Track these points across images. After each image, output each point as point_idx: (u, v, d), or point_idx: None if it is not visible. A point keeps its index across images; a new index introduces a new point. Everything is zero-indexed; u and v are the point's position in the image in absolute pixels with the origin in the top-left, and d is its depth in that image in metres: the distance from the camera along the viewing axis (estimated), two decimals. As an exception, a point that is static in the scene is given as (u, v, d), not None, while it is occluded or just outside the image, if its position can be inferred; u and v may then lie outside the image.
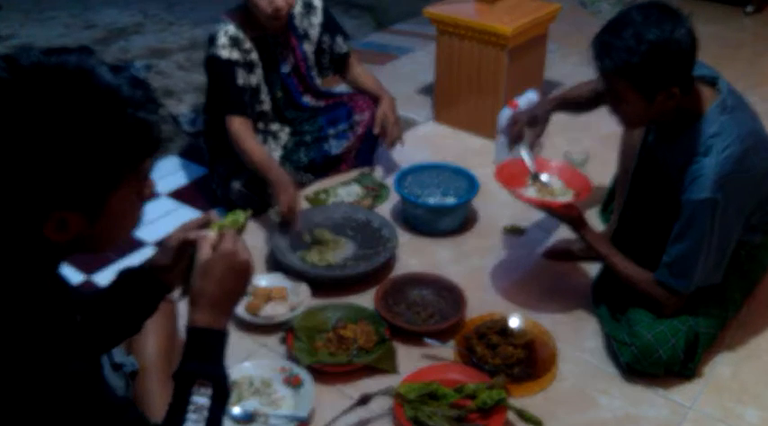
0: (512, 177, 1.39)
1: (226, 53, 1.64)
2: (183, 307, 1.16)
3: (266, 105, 1.76)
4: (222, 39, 1.64)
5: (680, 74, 1.15)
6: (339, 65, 1.88)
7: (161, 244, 0.86)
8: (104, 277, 1.52)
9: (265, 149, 1.69)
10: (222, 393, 0.76)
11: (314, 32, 1.80)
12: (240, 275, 0.78)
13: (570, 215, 1.33)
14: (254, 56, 1.69)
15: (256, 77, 1.71)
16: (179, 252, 0.84)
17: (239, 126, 1.64)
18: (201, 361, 0.76)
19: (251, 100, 1.72)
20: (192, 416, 0.73)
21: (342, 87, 2.03)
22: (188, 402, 0.74)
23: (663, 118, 1.22)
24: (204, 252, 0.77)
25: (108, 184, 0.65)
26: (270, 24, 1.65)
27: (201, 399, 0.74)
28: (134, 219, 0.72)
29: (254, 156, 1.62)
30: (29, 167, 0.60)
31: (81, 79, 0.62)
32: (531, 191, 1.37)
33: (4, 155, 0.59)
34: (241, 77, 1.66)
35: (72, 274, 1.55)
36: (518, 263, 1.61)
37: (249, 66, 1.68)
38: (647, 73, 1.13)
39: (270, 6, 1.60)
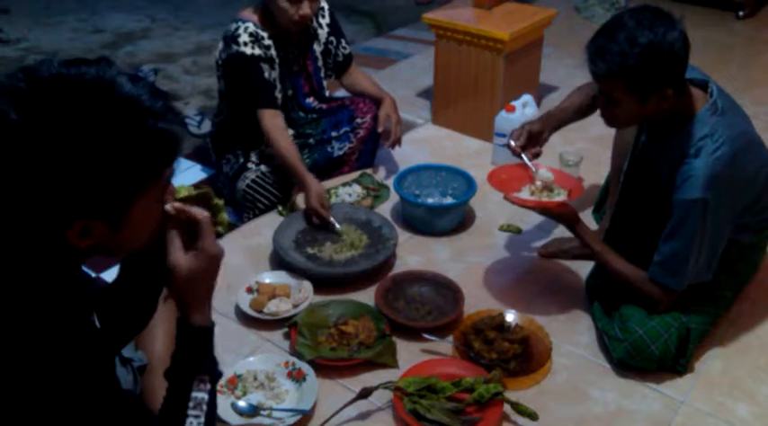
0: (504, 182, 1.40)
1: (249, 50, 1.66)
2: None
3: (279, 102, 1.79)
4: (243, 37, 1.66)
5: (673, 76, 1.17)
6: (341, 68, 1.91)
7: None
8: (113, 275, 1.55)
9: (296, 149, 1.71)
10: (216, 383, 0.78)
11: (322, 33, 1.84)
12: (218, 270, 0.78)
13: (565, 213, 1.35)
14: (273, 52, 1.72)
15: (275, 73, 1.74)
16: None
17: (272, 120, 1.68)
18: (198, 358, 0.77)
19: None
20: (192, 412, 0.74)
21: (343, 92, 2.06)
22: (188, 397, 0.75)
23: (655, 118, 1.25)
24: (176, 254, 0.75)
25: (130, 193, 0.65)
26: (293, 28, 1.69)
27: (201, 394, 0.75)
28: (155, 225, 0.73)
29: (284, 154, 1.66)
30: (50, 177, 0.60)
31: (101, 90, 0.62)
32: (525, 194, 1.39)
33: (25, 165, 0.59)
34: (267, 71, 1.69)
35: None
36: (514, 262, 1.63)
37: (270, 62, 1.71)
38: (640, 75, 1.14)
39: (297, 14, 1.64)
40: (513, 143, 1.43)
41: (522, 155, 1.43)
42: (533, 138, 1.44)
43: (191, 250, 0.76)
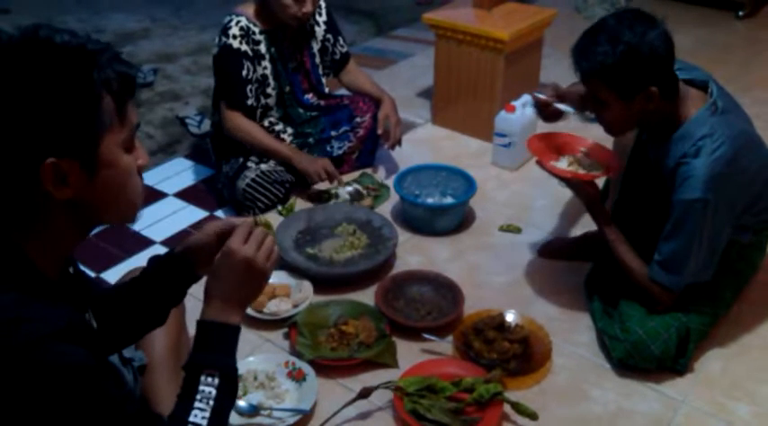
0: (542, 149, 1.39)
1: (236, 43, 1.68)
2: (191, 303, 1.20)
3: (272, 99, 1.79)
4: (234, 30, 1.68)
5: (656, 74, 1.18)
6: (339, 66, 1.92)
7: (200, 227, 0.88)
8: (113, 274, 1.56)
9: (268, 134, 1.76)
10: (229, 383, 0.78)
11: (319, 30, 1.85)
12: (255, 279, 0.80)
13: (588, 192, 1.33)
14: (263, 48, 1.73)
15: (263, 69, 1.74)
16: (217, 237, 0.85)
17: (240, 117, 1.71)
18: (209, 352, 0.77)
19: (257, 92, 1.75)
20: (198, 404, 0.75)
21: (342, 91, 2.06)
22: (196, 390, 0.75)
23: (647, 119, 1.25)
24: (235, 241, 0.79)
25: (92, 125, 0.66)
26: (293, 24, 1.71)
27: (208, 388, 0.75)
28: (133, 183, 0.72)
29: (261, 141, 1.71)
30: (12, 121, 0.64)
31: (45, 40, 0.66)
32: (563, 163, 1.38)
33: None
34: (247, 69, 1.70)
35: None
36: (514, 261, 1.63)
37: (257, 59, 1.72)
38: (621, 74, 1.17)
39: (300, 11, 1.66)
40: (542, 96, 1.41)
41: (560, 105, 1.39)
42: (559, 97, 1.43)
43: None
